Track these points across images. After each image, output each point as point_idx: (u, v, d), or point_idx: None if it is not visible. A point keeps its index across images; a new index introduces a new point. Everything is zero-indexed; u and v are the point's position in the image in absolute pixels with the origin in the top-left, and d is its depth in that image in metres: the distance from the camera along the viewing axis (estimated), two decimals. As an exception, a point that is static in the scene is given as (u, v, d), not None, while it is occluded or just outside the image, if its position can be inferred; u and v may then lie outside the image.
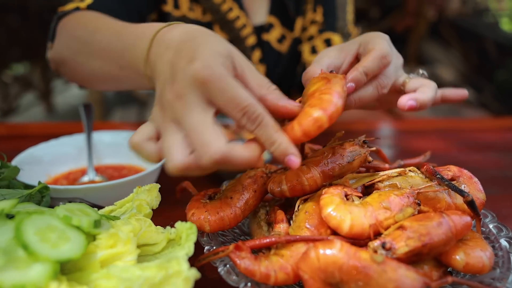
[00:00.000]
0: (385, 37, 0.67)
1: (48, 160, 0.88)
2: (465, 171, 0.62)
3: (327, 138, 0.67)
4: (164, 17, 1.17)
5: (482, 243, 0.54)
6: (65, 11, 0.96)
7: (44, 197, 0.67)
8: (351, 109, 0.65)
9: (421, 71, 0.74)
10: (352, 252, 0.47)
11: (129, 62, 0.66)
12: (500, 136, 1.31)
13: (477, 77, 4.42)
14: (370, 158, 0.64)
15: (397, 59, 0.69)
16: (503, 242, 0.58)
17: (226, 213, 0.59)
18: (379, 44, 0.64)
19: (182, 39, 0.53)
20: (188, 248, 0.48)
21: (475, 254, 0.52)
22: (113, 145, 0.95)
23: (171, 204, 0.79)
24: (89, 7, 0.94)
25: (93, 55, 0.79)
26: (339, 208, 0.53)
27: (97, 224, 0.51)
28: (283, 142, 0.49)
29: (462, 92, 0.76)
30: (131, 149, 0.51)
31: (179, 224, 0.51)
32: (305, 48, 1.23)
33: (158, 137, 0.52)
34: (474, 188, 0.60)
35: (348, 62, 0.67)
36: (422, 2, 4.15)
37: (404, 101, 0.64)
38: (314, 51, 1.20)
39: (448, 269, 0.55)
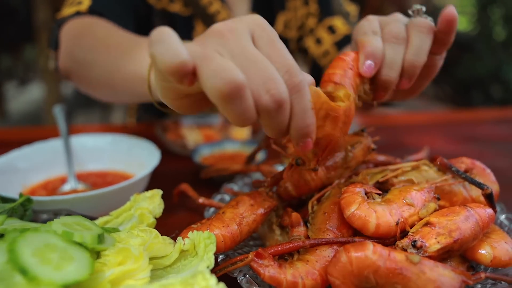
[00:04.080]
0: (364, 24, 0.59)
1: (22, 169, 0.79)
2: (478, 163, 0.61)
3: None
4: (149, 10, 1.11)
5: (504, 235, 0.53)
6: (65, 17, 0.91)
7: (26, 211, 0.60)
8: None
9: (413, 9, 0.59)
10: (387, 254, 0.44)
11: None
12: (479, 127, 1.35)
13: (438, 72, 4.59)
14: (373, 146, 0.62)
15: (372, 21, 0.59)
16: (519, 233, 0.57)
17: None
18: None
19: None
20: (208, 260, 0.44)
21: (501, 247, 0.50)
22: (94, 150, 0.88)
23: (168, 210, 0.74)
24: (90, 9, 0.90)
25: (99, 75, 0.78)
26: (362, 207, 0.50)
27: (101, 238, 0.46)
28: (313, 123, 0.44)
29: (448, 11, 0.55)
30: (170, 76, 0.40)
31: (195, 234, 0.46)
32: (310, 43, 1.20)
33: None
34: (488, 179, 0.59)
35: None
36: (383, 1, 4.25)
37: (361, 65, 0.54)
38: (319, 42, 1.17)
39: (471, 264, 0.53)
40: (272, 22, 1.21)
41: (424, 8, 0.59)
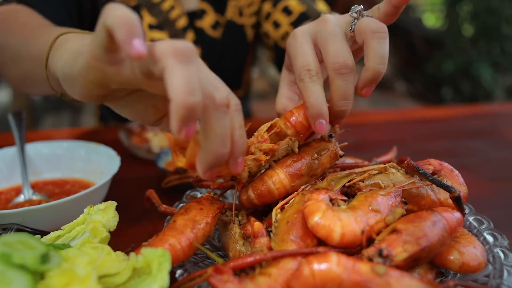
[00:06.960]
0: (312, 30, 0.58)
1: (-29, 180, 0.74)
2: (446, 164, 0.60)
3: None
4: (94, 3, 1.07)
5: (472, 239, 0.52)
6: None
7: (-30, 227, 0.55)
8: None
9: (354, 11, 0.58)
10: (351, 265, 0.42)
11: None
12: (450, 124, 1.36)
13: (408, 69, 4.66)
14: (341, 152, 0.60)
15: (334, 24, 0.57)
16: (488, 236, 0.57)
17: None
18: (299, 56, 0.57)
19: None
20: (162, 279, 0.41)
21: (469, 252, 0.49)
22: (51, 158, 0.83)
23: (127, 221, 0.70)
24: None
25: (9, 57, 0.78)
26: (326, 216, 0.48)
27: (45, 258, 0.42)
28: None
29: None
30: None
31: (148, 251, 0.43)
32: (268, 27, 1.20)
33: None
34: (456, 181, 0.58)
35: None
36: (355, -2, 4.26)
37: (359, 91, 0.56)
38: (276, 25, 1.17)
39: (440, 269, 0.52)
40: (222, 11, 1.20)
41: (362, 7, 0.58)
